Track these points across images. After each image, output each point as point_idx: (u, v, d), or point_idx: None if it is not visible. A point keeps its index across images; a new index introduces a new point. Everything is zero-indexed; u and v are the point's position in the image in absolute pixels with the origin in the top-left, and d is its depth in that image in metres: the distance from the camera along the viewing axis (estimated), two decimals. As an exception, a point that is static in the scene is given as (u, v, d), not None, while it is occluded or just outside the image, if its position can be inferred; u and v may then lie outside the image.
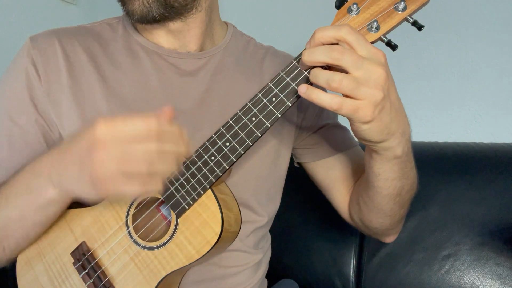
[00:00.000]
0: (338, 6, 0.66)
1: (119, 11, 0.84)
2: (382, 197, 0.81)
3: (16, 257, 0.80)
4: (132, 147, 0.57)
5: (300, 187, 1.28)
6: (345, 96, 0.60)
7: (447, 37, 1.43)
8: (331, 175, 0.98)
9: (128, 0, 0.79)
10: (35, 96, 0.81)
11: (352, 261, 1.29)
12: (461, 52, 1.42)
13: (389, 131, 0.65)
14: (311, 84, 0.62)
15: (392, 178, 0.77)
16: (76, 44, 0.84)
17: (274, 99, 0.66)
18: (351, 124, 0.64)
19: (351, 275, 1.28)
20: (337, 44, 0.60)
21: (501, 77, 1.37)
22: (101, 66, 0.84)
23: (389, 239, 0.98)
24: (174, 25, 0.85)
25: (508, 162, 1.21)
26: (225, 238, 0.71)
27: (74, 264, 0.76)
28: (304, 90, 0.62)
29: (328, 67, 0.62)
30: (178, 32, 0.87)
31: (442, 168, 1.26)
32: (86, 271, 0.74)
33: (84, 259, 0.75)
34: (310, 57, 0.60)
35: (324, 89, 0.62)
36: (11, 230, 0.74)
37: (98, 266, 0.75)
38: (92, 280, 0.74)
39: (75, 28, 0.89)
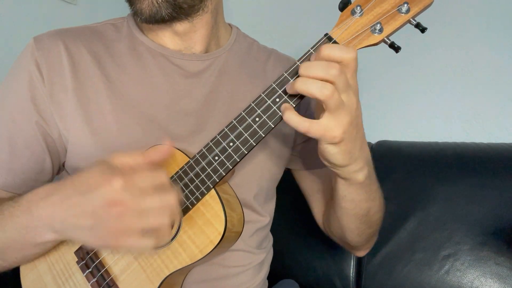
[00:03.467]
0: (341, 8, 0.67)
1: (119, 11, 0.84)
2: (349, 217, 0.84)
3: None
4: (148, 202, 0.58)
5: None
6: (320, 113, 0.63)
7: (447, 37, 1.43)
8: (313, 186, 1.01)
9: (138, 0, 0.79)
10: (37, 97, 0.80)
11: (352, 261, 1.30)
12: (461, 52, 1.42)
13: (352, 156, 0.68)
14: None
15: (358, 200, 0.80)
16: (80, 45, 0.84)
17: (278, 99, 0.66)
18: (318, 144, 0.66)
19: (351, 275, 1.29)
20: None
21: (500, 77, 1.37)
22: (106, 67, 0.84)
23: (360, 253, 1.00)
24: (181, 26, 0.85)
25: (508, 162, 1.21)
26: (228, 238, 0.71)
27: (77, 262, 0.76)
28: (283, 108, 0.65)
29: None
30: (184, 34, 0.87)
31: (442, 168, 1.26)
32: (90, 269, 0.74)
33: (87, 257, 0.75)
34: (307, 71, 0.61)
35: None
36: (9, 256, 0.74)
37: (101, 265, 0.75)
38: (96, 279, 0.74)
39: (79, 28, 0.88)
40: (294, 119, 0.62)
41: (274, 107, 0.66)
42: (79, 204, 0.60)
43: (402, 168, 1.31)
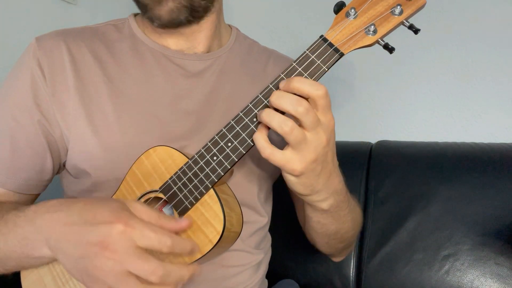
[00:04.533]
0: (336, 11, 0.68)
1: (119, 11, 0.84)
2: (317, 234, 0.86)
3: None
4: (135, 265, 0.56)
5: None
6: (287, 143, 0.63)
7: (447, 37, 1.43)
8: None
9: (156, 5, 0.79)
10: (39, 96, 0.81)
11: (352, 261, 1.29)
12: (461, 52, 1.42)
13: (313, 189, 0.69)
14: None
15: (323, 223, 0.81)
16: (82, 45, 0.85)
17: None
18: (282, 171, 0.68)
19: (351, 275, 1.29)
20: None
21: (501, 77, 1.37)
22: (107, 67, 0.84)
23: (335, 259, 1.02)
24: (189, 27, 0.86)
25: (508, 162, 1.21)
26: (226, 238, 0.71)
27: (77, 263, 0.76)
28: (258, 128, 0.66)
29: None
30: (190, 34, 0.88)
31: (442, 168, 1.26)
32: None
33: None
34: (277, 101, 0.62)
35: None
36: (8, 265, 0.73)
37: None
38: (95, 280, 0.74)
39: (80, 29, 0.89)
40: (260, 142, 0.64)
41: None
42: (77, 233, 0.60)
43: (402, 168, 1.31)
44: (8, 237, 0.69)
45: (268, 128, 0.65)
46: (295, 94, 0.62)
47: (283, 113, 0.63)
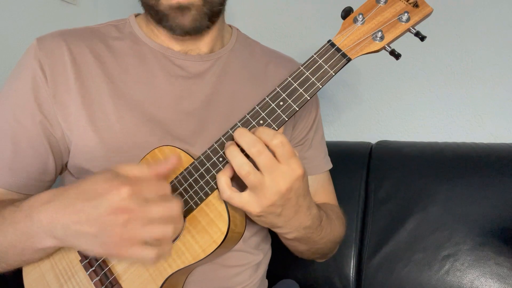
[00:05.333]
0: (344, 17, 0.69)
1: (119, 12, 0.84)
2: (289, 248, 0.88)
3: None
4: (154, 212, 0.59)
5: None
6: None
7: (447, 37, 1.43)
8: None
9: (179, 15, 0.80)
10: (40, 97, 0.81)
11: (352, 261, 1.30)
12: (461, 52, 1.42)
13: (273, 226, 0.73)
14: None
15: (292, 245, 0.85)
16: (83, 46, 0.85)
17: (281, 103, 0.68)
18: None
19: (351, 275, 1.29)
20: None
21: (501, 77, 1.37)
22: (108, 67, 0.84)
23: (320, 261, 1.04)
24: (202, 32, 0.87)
25: (508, 162, 1.21)
26: (230, 238, 0.71)
27: (81, 261, 0.76)
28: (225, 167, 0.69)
29: None
30: (199, 38, 0.88)
31: (442, 168, 1.26)
32: (93, 268, 0.75)
33: (91, 256, 0.76)
34: (238, 139, 0.65)
35: None
36: (10, 259, 0.73)
37: (104, 263, 0.75)
38: (99, 277, 0.74)
39: (81, 29, 0.89)
40: (221, 184, 0.67)
41: (278, 111, 0.68)
42: (84, 211, 0.60)
43: (402, 168, 1.31)
44: (7, 232, 0.69)
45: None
46: None
47: None
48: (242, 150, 0.65)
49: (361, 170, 1.37)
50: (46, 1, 1.47)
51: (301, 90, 0.67)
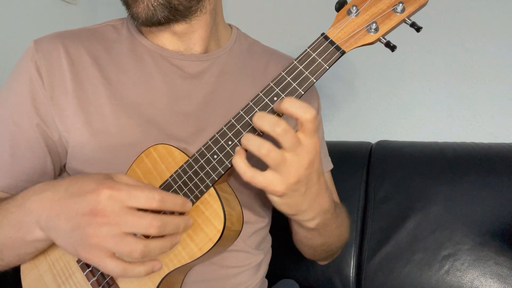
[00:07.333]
0: (338, 9, 0.68)
1: (119, 11, 0.84)
2: (303, 246, 0.89)
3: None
4: (130, 222, 0.58)
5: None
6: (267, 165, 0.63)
7: (447, 37, 1.43)
8: None
9: (133, 3, 0.79)
10: (37, 100, 0.81)
11: (352, 261, 1.29)
12: (461, 52, 1.42)
13: (298, 209, 0.70)
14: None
15: (309, 238, 0.83)
16: (80, 47, 0.85)
17: (275, 98, 0.66)
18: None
19: (351, 275, 1.28)
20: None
21: (501, 77, 1.37)
22: (105, 68, 0.84)
23: (322, 263, 1.05)
24: (179, 27, 0.86)
25: (508, 162, 1.21)
26: (227, 237, 0.71)
27: (78, 262, 0.76)
28: (236, 150, 0.66)
29: None
30: (183, 34, 0.87)
31: (442, 168, 1.26)
32: (90, 268, 0.75)
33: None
34: (258, 122, 0.62)
35: None
36: (5, 255, 0.74)
37: (101, 264, 0.75)
38: (96, 278, 0.74)
39: (78, 30, 0.89)
40: (240, 166, 0.64)
41: (272, 106, 0.66)
42: (66, 206, 0.60)
43: (402, 168, 1.31)
44: (2, 224, 0.70)
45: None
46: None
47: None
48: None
49: (361, 170, 1.37)
50: (45, 1, 1.47)
51: (294, 85, 0.66)
